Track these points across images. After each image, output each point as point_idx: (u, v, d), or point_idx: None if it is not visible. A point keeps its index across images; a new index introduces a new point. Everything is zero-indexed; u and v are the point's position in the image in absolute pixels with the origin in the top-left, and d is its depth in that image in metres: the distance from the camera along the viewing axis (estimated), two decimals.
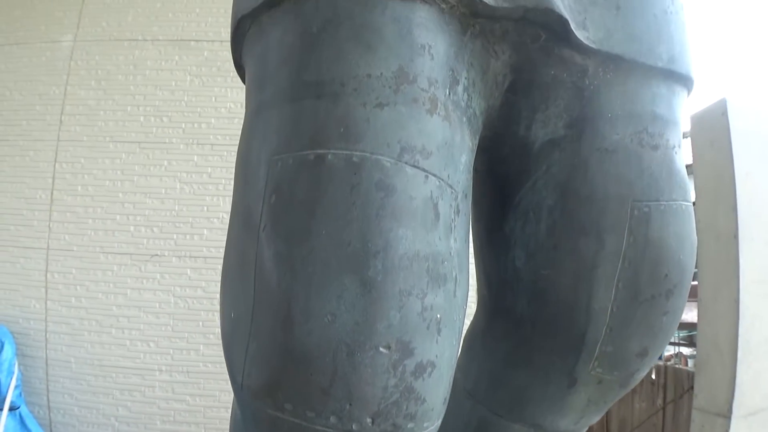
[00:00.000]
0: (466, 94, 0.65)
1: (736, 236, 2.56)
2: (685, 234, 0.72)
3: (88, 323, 2.84)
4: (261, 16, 0.65)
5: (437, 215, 0.57)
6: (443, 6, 0.61)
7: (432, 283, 0.55)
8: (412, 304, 0.54)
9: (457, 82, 0.63)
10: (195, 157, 2.83)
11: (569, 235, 0.69)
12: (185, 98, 2.88)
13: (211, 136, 2.81)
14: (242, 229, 0.60)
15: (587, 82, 0.68)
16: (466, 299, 0.63)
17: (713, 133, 2.66)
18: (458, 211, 0.61)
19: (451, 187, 0.59)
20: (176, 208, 2.83)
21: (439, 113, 0.59)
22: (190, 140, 2.85)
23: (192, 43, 2.92)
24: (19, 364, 2.88)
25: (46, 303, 2.88)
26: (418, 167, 0.56)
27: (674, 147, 0.72)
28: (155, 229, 2.82)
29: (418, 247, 0.55)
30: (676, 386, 3.16)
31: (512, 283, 0.74)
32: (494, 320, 0.79)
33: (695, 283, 2.97)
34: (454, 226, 0.59)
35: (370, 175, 0.54)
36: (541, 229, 0.70)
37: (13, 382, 2.84)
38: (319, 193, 0.54)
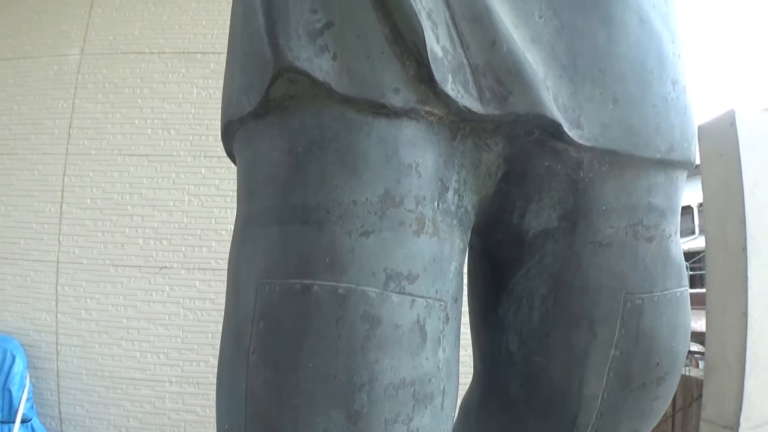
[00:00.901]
0: (456, 196, 0.64)
1: (744, 249, 2.55)
2: (679, 321, 0.72)
3: (99, 335, 2.86)
4: (248, 124, 0.64)
5: (424, 336, 0.57)
6: (431, 119, 0.60)
7: (418, 406, 0.56)
8: (398, 430, 0.55)
9: (447, 189, 0.62)
10: (203, 170, 2.85)
11: (561, 324, 0.69)
12: (192, 111, 2.89)
13: (219, 149, 2.80)
14: (233, 346, 0.60)
15: (582, 175, 0.66)
16: (455, 404, 0.63)
17: (721, 144, 2.65)
18: (447, 319, 0.61)
19: (440, 300, 0.59)
20: (185, 220, 2.84)
21: (426, 231, 0.59)
22: (198, 153, 2.86)
23: (198, 55, 2.93)
24: (31, 377, 2.91)
25: (56, 315, 2.90)
26: (404, 293, 0.56)
27: (670, 236, 0.71)
28: (164, 242, 2.84)
29: (404, 374, 0.55)
30: (685, 394, 3.17)
31: (506, 363, 0.74)
32: (489, 395, 0.79)
33: (703, 291, 2.97)
34: (443, 336, 0.60)
35: (356, 308, 0.55)
36: (534, 316, 0.70)
37: (25, 395, 2.87)
38: (305, 324, 0.55)
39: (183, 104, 2.90)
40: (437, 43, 0.58)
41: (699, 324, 3.31)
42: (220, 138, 0.75)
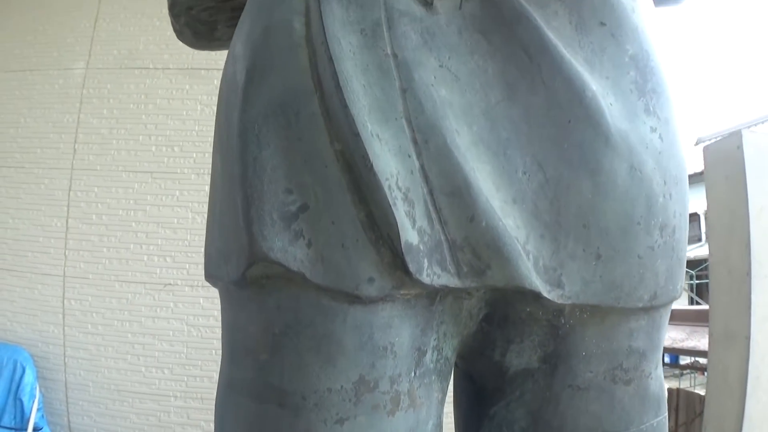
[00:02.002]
0: (435, 352, 0.64)
1: (748, 273, 2.53)
2: None
3: (105, 349, 2.91)
4: (228, 286, 0.65)
5: None
6: (408, 297, 0.59)
7: None
8: None
9: (425, 354, 0.62)
10: (206, 187, 2.83)
11: None
12: (196, 128, 2.90)
13: None
14: None
15: (563, 321, 0.66)
16: None
17: (727, 167, 2.61)
18: None
19: None
20: (188, 237, 2.86)
21: (401, 407, 0.59)
22: (201, 170, 2.87)
23: (202, 71, 2.93)
24: (40, 387, 2.97)
25: (63, 329, 2.95)
26: None
27: (650, 374, 0.70)
28: (168, 259, 2.87)
29: None
30: (688, 409, 3.17)
31: None
32: None
33: (706, 308, 2.95)
34: None
35: None
36: None
37: (35, 405, 2.93)
38: None
39: (187, 121, 2.90)
40: (413, 228, 0.57)
41: (702, 342, 3.31)
42: None
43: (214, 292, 0.75)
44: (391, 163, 0.57)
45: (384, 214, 0.56)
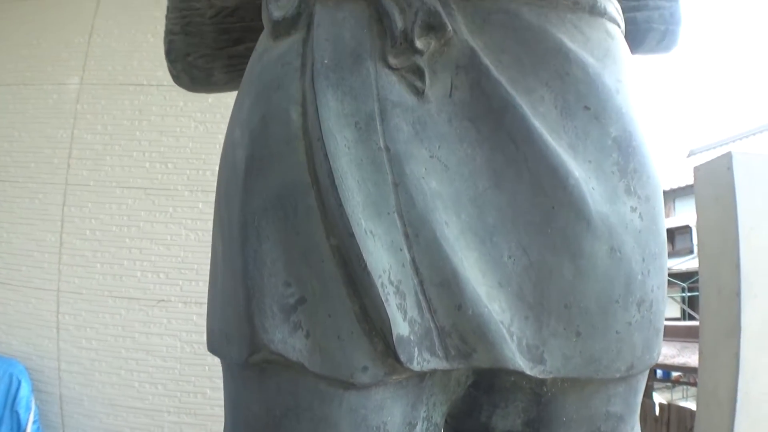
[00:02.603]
0: (425, 422, 0.68)
1: (738, 293, 2.54)
2: None
3: (99, 364, 2.92)
4: (230, 363, 0.70)
5: None
6: (400, 380, 0.64)
7: None
8: None
9: (415, 426, 0.67)
10: (200, 204, 2.86)
11: None
12: (190, 144, 2.90)
13: (215, 184, 2.83)
14: None
15: (545, 389, 0.69)
16: None
17: (718, 187, 2.63)
18: None
19: None
20: (182, 254, 2.87)
21: None
22: (195, 187, 2.88)
23: None
24: (36, 400, 2.98)
25: (58, 343, 2.96)
26: None
27: None
28: (161, 275, 2.88)
29: None
30: (680, 425, 3.19)
31: None
32: None
33: (697, 324, 2.97)
34: None
35: None
36: None
37: (31, 417, 2.95)
38: None
39: (181, 138, 2.91)
40: (404, 320, 0.61)
41: (692, 359, 3.33)
42: (216, 174, 0.81)
43: None
44: (383, 258, 0.61)
45: (377, 310, 0.60)
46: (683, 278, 8.73)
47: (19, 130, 3.08)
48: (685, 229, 12.36)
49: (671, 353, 3.17)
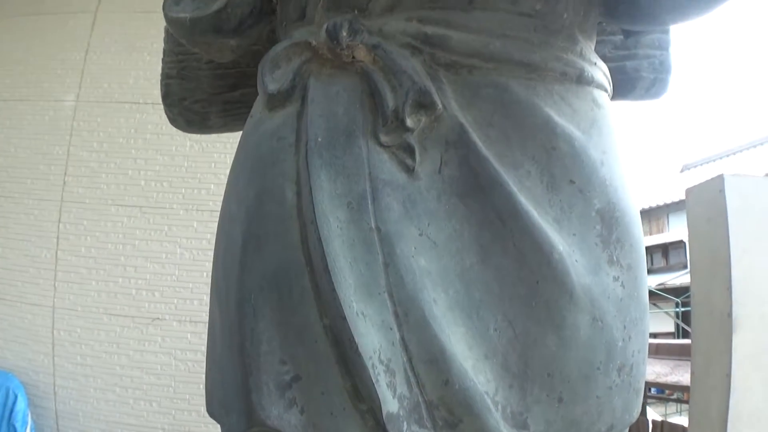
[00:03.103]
0: None
1: (729, 315, 2.55)
2: None
3: (93, 380, 2.94)
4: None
5: None
6: None
7: None
8: None
9: None
10: (195, 223, 2.88)
11: None
12: (185, 163, 2.91)
13: (211, 203, 2.85)
14: None
15: None
16: None
17: (710, 209, 2.64)
18: None
19: None
20: (177, 272, 2.88)
21: None
22: (190, 206, 2.89)
23: None
24: (32, 414, 3.00)
25: (53, 359, 2.97)
26: None
27: None
28: (156, 293, 2.89)
29: None
30: None
31: None
32: None
33: (689, 342, 2.98)
34: None
35: None
36: None
37: (28, 431, 2.97)
38: None
39: (176, 156, 2.92)
40: (394, 398, 0.63)
41: (685, 377, 3.34)
42: (211, 192, 0.82)
43: (202, 327, 0.81)
44: (374, 338, 0.63)
45: (368, 390, 0.63)
46: (677, 293, 8.74)
47: (15, 146, 3.09)
48: (679, 244, 12.40)
49: (664, 371, 3.19)
